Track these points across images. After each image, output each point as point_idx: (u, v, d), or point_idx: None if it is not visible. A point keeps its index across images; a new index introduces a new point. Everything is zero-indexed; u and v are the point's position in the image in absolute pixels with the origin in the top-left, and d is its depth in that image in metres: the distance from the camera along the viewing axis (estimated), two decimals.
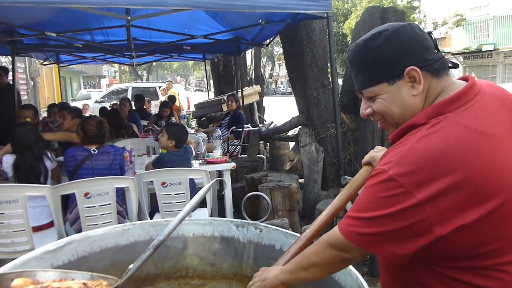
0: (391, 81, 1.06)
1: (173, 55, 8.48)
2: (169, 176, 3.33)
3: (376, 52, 1.06)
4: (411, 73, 1.04)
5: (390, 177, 0.95)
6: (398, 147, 1.02)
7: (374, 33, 1.07)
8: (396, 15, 4.52)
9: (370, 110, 1.14)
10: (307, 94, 4.63)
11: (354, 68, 1.14)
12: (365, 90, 1.11)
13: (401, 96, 1.06)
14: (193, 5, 3.37)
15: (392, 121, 1.11)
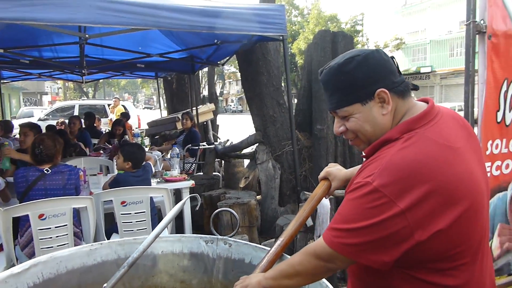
0: (364, 101, 1.16)
1: (124, 73, 8.37)
2: (129, 195, 3.29)
3: (350, 76, 1.15)
4: (381, 94, 1.14)
5: (375, 188, 1.03)
6: (375, 160, 1.10)
7: (347, 58, 1.16)
8: (345, 38, 4.81)
9: (343, 128, 1.22)
10: (264, 112, 4.77)
11: (329, 90, 1.21)
12: (340, 110, 1.19)
13: (373, 115, 1.16)
14: (153, 25, 3.41)
15: (364, 138, 1.20)
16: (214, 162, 6.38)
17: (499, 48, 1.88)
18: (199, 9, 3.57)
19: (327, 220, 3.12)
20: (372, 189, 1.03)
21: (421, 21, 31.15)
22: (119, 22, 3.28)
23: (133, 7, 3.30)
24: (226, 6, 3.85)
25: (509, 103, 1.98)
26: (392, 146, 1.10)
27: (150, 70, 8.20)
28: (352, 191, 1.10)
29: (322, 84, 1.23)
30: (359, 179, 1.10)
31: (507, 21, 1.90)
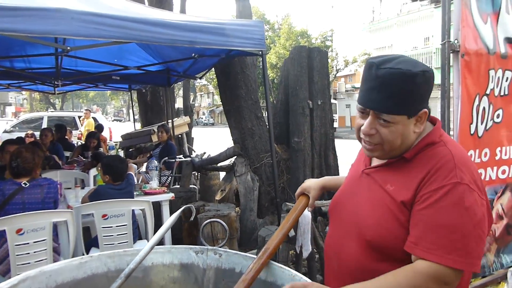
0: (410, 116, 1.17)
1: (98, 84, 8.26)
2: (111, 208, 3.26)
3: (416, 88, 1.14)
4: (423, 115, 1.19)
5: (467, 186, 1.11)
6: (427, 161, 1.18)
7: (421, 70, 1.14)
8: (320, 54, 4.97)
9: (374, 131, 1.19)
10: (242, 125, 4.84)
11: (386, 91, 1.14)
12: (387, 115, 1.16)
13: (408, 131, 1.19)
14: (135, 38, 3.42)
15: (388, 148, 1.20)
16: (191, 175, 6.37)
17: (471, 65, 2.03)
18: (181, 23, 3.62)
19: (308, 230, 3.19)
20: (466, 187, 1.10)
21: (387, 38, 32.19)
22: (101, 35, 3.27)
23: (115, 20, 3.31)
24: (207, 21, 3.92)
25: (481, 116, 2.13)
26: (438, 147, 1.20)
27: (125, 82, 8.14)
28: (441, 198, 1.11)
29: (380, 82, 1.15)
30: (440, 183, 1.12)
31: (478, 41, 2.06)
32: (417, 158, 1.20)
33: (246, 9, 5.47)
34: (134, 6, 4.02)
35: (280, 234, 1.56)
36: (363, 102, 1.20)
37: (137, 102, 9.79)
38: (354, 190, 1.36)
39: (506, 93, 2.27)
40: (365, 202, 1.26)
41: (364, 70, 1.22)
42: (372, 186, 1.27)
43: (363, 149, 1.30)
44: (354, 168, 1.47)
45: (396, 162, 1.24)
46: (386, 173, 1.25)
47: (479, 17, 2.08)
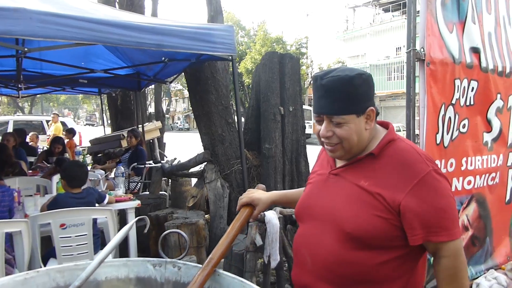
0: (359, 114, 1.31)
1: (65, 88, 7.99)
2: (69, 217, 3.10)
3: (356, 89, 1.29)
4: (370, 112, 1.33)
5: (437, 171, 1.30)
6: (399, 154, 1.32)
7: (357, 74, 1.30)
8: (292, 60, 4.94)
9: (331, 133, 1.33)
10: (212, 131, 4.74)
11: (331, 96, 1.30)
12: (338, 116, 1.30)
13: (361, 128, 1.32)
14: (99, 40, 3.29)
15: (347, 146, 1.33)
16: (161, 181, 6.22)
17: (436, 74, 2.02)
18: (148, 26, 3.51)
19: (276, 240, 3.12)
20: (437, 174, 1.28)
21: (361, 46, 32.76)
22: (62, 36, 3.13)
23: (78, 21, 3.17)
24: (175, 24, 3.83)
25: (447, 126, 2.12)
26: (397, 143, 1.34)
27: (94, 86, 7.91)
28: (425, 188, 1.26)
29: (325, 89, 1.31)
30: (412, 178, 1.27)
31: (443, 50, 2.05)
32: (383, 154, 1.33)
33: (217, 14, 5.40)
34: (100, 8, 3.89)
35: (225, 243, 1.50)
36: (316, 110, 1.36)
37: (107, 107, 9.56)
38: (323, 191, 1.45)
39: (472, 103, 2.27)
40: (340, 199, 1.36)
41: (313, 83, 1.40)
42: (344, 184, 1.37)
43: (327, 151, 1.41)
44: (317, 173, 1.54)
45: (365, 159, 1.35)
46: (356, 171, 1.36)
47: (444, 26, 2.07)
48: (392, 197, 1.26)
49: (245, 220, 1.58)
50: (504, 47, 2.47)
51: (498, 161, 2.43)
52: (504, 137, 2.47)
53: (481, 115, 2.32)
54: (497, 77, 2.38)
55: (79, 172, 3.51)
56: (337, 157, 1.40)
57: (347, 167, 1.40)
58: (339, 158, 1.41)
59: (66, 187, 3.49)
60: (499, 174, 2.45)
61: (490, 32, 2.37)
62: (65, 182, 3.44)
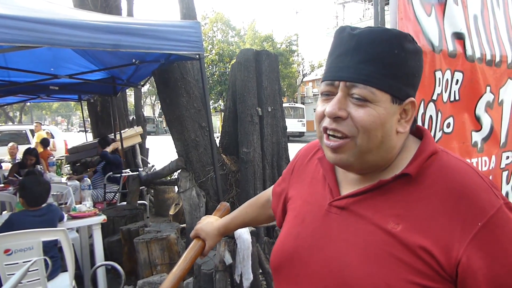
0: (395, 99, 0.82)
1: (41, 96, 7.65)
2: (15, 241, 2.76)
3: (405, 56, 0.81)
4: (409, 106, 0.84)
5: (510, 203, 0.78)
6: (450, 176, 0.81)
7: (409, 37, 0.83)
8: (269, 57, 4.62)
9: (344, 113, 0.82)
10: (185, 136, 4.42)
11: (361, 53, 0.81)
12: (364, 87, 0.80)
13: (391, 124, 0.82)
14: (46, 42, 2.96)
15: (364, 146, 0.82)
16: (138, 190, 5.88)
17: None
18: (102, 25, 3.18)
19: (248, 257, 2.81)
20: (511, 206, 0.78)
21: None
22: (2, 39, 2.80)
23: (20, 22, 2.84)
24: (135, 22, 3.50)
25: (428, 126, 1.80)
26: (444, 159, 0.84)
27: (68, 93, 7.58)
28: (495, 235, 0.75)
29: (355, 42, 0.82)
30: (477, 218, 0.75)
31: (420, 36, 1.74)
32: (423, 177, 0.82)
33: (190, 11, 5.07)
34: (51, 7, 3.56)
35: (173, 279, 1.19)
36: (330, 74, 0.84)
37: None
38: (320, 234, 0.90)
39: (457, 98, 1.96)
40: (355, 252, 0.82)
41: (335, 37, 0.88)
42: (358, 225, 0.84)
43: (326, 153, 0.88)
44: (305, 197, 1.00)
45: (391, 184, 0.83)
46: (378, 204, 0.83)
47: (421, 8, 1.76)
48: (445, 251, 0.75)
49: (194, 257, 1.28)
50: (492, 32, 2.16)
51: (490, 163, 2.13)
52: (496, 135, 2.17)
53: (468, 111, 2.01)
54: (485, 67, 2.07)
55: (39, 191, 3.23)
56: (342, 163, 0.86)
57: (362, 196, 0.86)
58: (344, 167, 0.88)
59: (25, 204, 3.20)
60: (492, 178, 2.14)
61: (476, 15, 2.06)
62: (23, 201, 3.16)
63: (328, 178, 0.95)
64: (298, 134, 24.68)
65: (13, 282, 1.23)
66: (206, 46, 28.37)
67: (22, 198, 3.16)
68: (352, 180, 0.92)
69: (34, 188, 3.20)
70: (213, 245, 1.32)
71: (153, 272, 3.76)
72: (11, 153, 8.87)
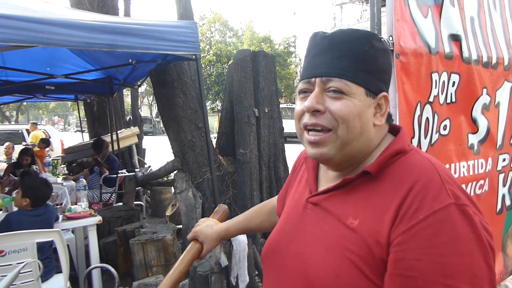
0: (369, 92, 0.87)
1: (37, 95, 7.62)
2: (8, 242, 2.74)
3: (374, 52, 0.88)
4: (382, 100, 0.90)
5: (466, 207, 0.77)
6: (409, 174, 0.82)
7: (377, 36, 0.90)
8: (266, 58, 4.61)
9: (321, 107, 0.86)
10: (181, 137, 4.40)
11: (335, 51, 0.87)
12: (340, 80, 0.85)
13: (366, 116, 0.87)
14: (40, 41, 2.94)
15: (344, 137, 0.86)
16: (134, 191, 5.86)
17: (409, 68, 1.69)
18: (97, 25, 3.17)
19: (244, 259, 2.79)
20: (464, 209, 0.77)
21: None
22: None
23: (14, 21, 2.82)
24: (131, 22, 3.49)
25: (424, 128, 1.79)
26: (410, 158, 0.87)
27: (65, 93, 7.54)
28: (434, 232, 0.74)
29: (328, 42, 0.88)
30: (421, 212, 0.76)
31: (417, 38, 1.72)
32: (385, 174, 0.86)
33: (187, 11, 5.05)
34: (46, 6, 3.54)
35: (169, 283, 1.18)
36: (307, 72, 0.90)
37: None
38: (296, 228, 0.97)
39: (454, 100, 1.95)
40: (317, 245, 0.88)
41: (309, 41, 0.95)
42: (325, 220, 0.90)
43: (306, 149, 0.93)
44: (293, 195, 1.08)
45: (356, 182, 0.88)
46: (344, 200, 0.89)
47: (417, 10, 1.75)
48: (387, 242, 0.78)
49: (191, 259, 1.26)
50: (489, 34, 2.16)
51: (486, 166, 2.12)
52: (493, 138, 2.16)
53: (465, 113, 2.00)
54: (482, 69, 2.06)
55: (45, 192, 3.29)
56: (323, 157, 0.90)
57: (332, 193, 0.92)
58: (324, 161, 0.92)
59: (21, 204, 3.19)
60: (488, 181, 2.14)
61: (473, 16, 2.05)
62: (29, 202, 3.15)
63: (308, 176, 1.02)
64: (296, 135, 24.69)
65: (3, 284, 1.21)
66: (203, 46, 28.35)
67: (28, 197, 3.14)
68: (330, 178, 0.97)
69: (42, 189, 3.23)
70: (211, 249, 1.30)
71: (149, 274, 3.74)
72: (7, 152, 8.84)
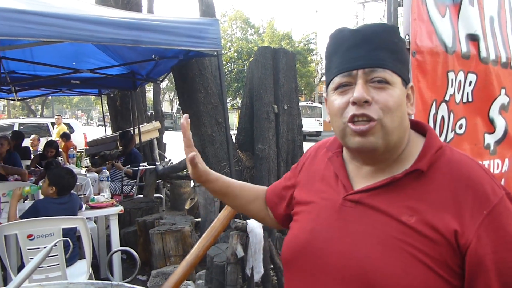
0: (404, 82, 0.91)
1: (63, 89, 7.85)
2: (37, 227, 2.89)
3: (402, 44, 0.94)
4: (410, 90, 0.94)
5: (510, 192, 0.85)
6: (457, 171, 0.87)
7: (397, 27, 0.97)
8: (286, 55, 4.66)
9: (369, 97, 0.86)
10: (202, 132, 4.50)
11: (371, 43, 0.89)
12: (383, 70, 0.87)
13: (405, 106, 0.91)
14: (69, 37, 3.07)
15: (390, 126, 0.86)
16: (154, 184, 6.00)
17: (425, 66, 1.73)
18: (123, 21, 3.28)
19: (260, 251, 2.86)
20: None
21: None
22: (27, 34, 2.92)
23: (45, 17, 2.96)
24: (155, 19, 3.59)
25: (439, 126, 1.82)
26: (447, 155, 0.90)
27: (90, 87, 7.75)
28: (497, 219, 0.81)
29: (362, 36, 0.90)
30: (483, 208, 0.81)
31: (433, 37, 1.76)
32: (433, 171, 0.87)
33: (209, 8, 5.15)
34: (73, 2, 3.67)
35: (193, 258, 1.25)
36: (346, 66, 0.89)
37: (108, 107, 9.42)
38: (336, 227, 0.92)
39: (470, 100, 1.97)
40: (370, 242, 0.86)
41: (332, 39, 0.95)
42: (373, 217, 0.88)
43: (350, 140, 0.89)
44: (318, 195, 1.02)
45: (404, 179, 0.88)
46: (393, 198, 0.87)
47: (435, 9, 1.77)
48: (456, 239, 0.80)
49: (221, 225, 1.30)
50: (509, 34, 2.16)
51: (503, 166, 2.13)
52: (511, 138, 2.16)
53: (481, 113, 2.02)
54: (500, 69, 2.07)
55: (67, 180, 3.42)
56: (369, 146, 0.87)
57: (375, 191, 0.90)
58: (369, 151, 0.89)
59: (48, 192, 3.34)
60: (505, 182, 2.14)
61: (493, 16, 2.06)
62: (55, 190, 3.30)
63: (340, 175, 0.99)
64: (315, 134, 24.52)
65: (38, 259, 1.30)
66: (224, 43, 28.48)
67: (54, 186, 3.28)
68: (364, 174, 0.96)
69: (67, 178, 3.37)
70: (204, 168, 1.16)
71: (167, 263, 3.85)
72: (33, 144, 9.15)
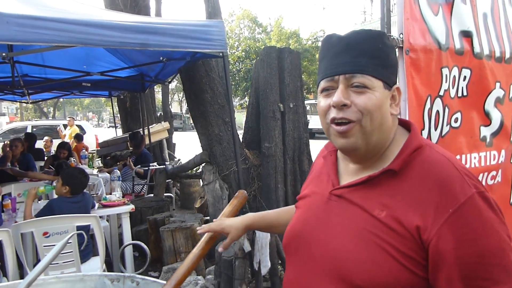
0: (387, 85, 0.98)
1: (74, 92, 8.04)
2: (52, 225, 3.02)
3: (387, 49, 1.00)
4: (396, 91, 1.02)
5: (485, 193, 0.89)
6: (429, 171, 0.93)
7: (386, 35, 1.03)
8: (291, 55, 4.74)
9: (348, 101, 0.95)
10: (209, 131, 4.60)
11: (354, 50, 0.97)
12: (362, 76, 0.95)
13: (386, 106, 0.98)
14: (80, 42, 3.19)
15: (369, 127, 0.95)
16: (164, 183, 6.13)
17: (419, 63, 1.80)
18: (130, 25, 3.39)
19: (266, 245, 2.95)
20: (484, 195, 0.89)
21: None
22: (40, 40, 3.04)
23: (56, 23, 3.08)
24: (161, 22, 3.70)
25: (434, 120, 1.89)
26: (425, 155, 0.96)
27: (100, 89, 7.91)
28: (466, 222, 0.86)
29: (346, 43, 0.98)
30: (449, 206, 0.87)
31: (427, 35, 1.83)
32: (407, 170, 0.95)
33: (215, 9, 5.25)
34: (83, 7, 3.80)
35: (189, 262, 1.34)
36: (329, 71, 0.99)
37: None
38: (320, 218, 1.04)
39: (465, 94, 2.03)
40: (346, 234, 0.96)
41: (323, 44, 1.05)
42: (351, 211, 0.98)
43: (334, 141, 1.01)
44: (313, 189, 1.15)
45: (379, 178, 0.97)
46: (368, 194, 0.97)
47: (428, 8, 1.84)
48: (419, 234, 0.87)
49: (208, 246, 1.34)
50: (503, 29, 2.21)
51: (499, 157, 2.18)
52: (507, 130, 2.22)
53: (477, 107, 2.08)
54: (494, 63, 2.13)
55: (83, 181, 3.57)
56: (349, 146, 0.97)
57: (356, 187, 1.00)
58: (351, 151, 1.00)
59: (61, 191, 3.46)
60: (501, 172, 2.20)
61: (486, 13, 2.12)
62: (69, 189, 3.43)
63: (330, 171, 1.10)
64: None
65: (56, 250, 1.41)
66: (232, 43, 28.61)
67: (69, 186, 3.41)
68: (351, 171, 1.06)
69: (80, 177, 3.50)
70: (236, 237, 1.35)
71: (178, 259, 3.97)
72: (45, 146, 9.37)
